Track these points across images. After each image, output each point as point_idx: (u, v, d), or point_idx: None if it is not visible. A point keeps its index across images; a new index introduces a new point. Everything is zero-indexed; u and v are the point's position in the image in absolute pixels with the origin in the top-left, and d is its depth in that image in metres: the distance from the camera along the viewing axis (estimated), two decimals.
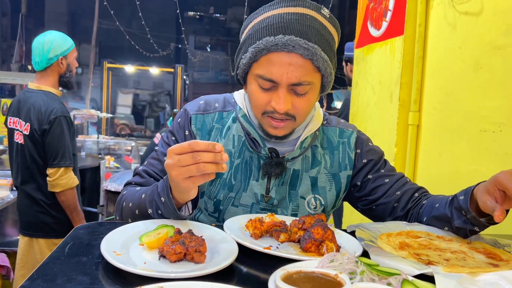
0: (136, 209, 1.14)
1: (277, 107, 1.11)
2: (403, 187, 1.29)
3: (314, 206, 1.28)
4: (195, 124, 1.28)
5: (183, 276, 0.77)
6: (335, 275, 0.72)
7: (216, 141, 1.27)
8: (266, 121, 1.18)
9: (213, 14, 25.04)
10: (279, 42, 1.07)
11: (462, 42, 1.80)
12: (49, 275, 0.77)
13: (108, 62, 11.36)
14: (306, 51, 1.08)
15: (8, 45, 17.82)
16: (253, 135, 1.24)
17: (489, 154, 1.61)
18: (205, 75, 23.72)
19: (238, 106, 1.30)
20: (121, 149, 6.82)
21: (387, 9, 2.34)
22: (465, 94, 1.77)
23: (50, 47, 2.60)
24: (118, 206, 1.24)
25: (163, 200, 1.06)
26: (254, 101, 1.17)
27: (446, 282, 0.77)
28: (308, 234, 0.98)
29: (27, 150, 2.55)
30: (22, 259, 2.63)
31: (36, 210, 2.60)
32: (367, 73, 2.62)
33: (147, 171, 1.27)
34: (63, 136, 2.53)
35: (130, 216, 1.17)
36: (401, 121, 2.17)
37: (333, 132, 1.34)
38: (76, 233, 1.00)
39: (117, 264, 0.78)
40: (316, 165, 1.28)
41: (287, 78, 1.09)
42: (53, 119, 2.51)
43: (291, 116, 1.15)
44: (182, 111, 1.33)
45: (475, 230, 1.06)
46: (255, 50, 1.11)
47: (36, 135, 2.52)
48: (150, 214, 1.10)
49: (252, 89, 1.17)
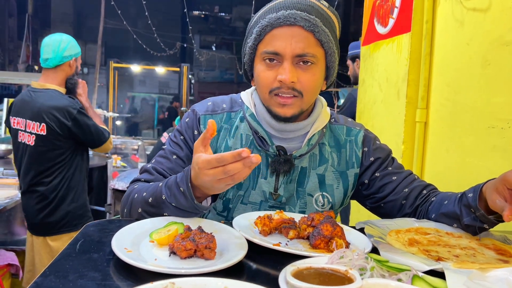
0: (150, 197, 1.11)
1: (282, 78, 1.14)
2: (411, 184, 1.29)
3: (322, 203, 1.28)
4: (204, 124, 1.28)
5: (194, 272, 0.78)
6: (345, 271, 0.72)
7: (225, 140, 1.28)
8: (274, 101, 1.19)
9: (218, 13, 25.05)
10: (281, 16, 1.13)
11: (469, 39, 1.79)
12: (61, 271, 0.78)
13: (114, 61, 11.38)
14: (307, 23, 1.13)
15: (14, 46, 17.92)
16: (261, 133, 1.25)
17: (497, 150, 1.60)
18: (210, 74, 23.74)
19: (245, 106, 1.31)
20: (127, 148, 6.83)
21: (394, 6, 2.33)
22: (473, 90, 1.76)
23: (67, 46, 2.66)
24: (125, 200, 1.22)
25: (182, 189, 1.03)
26: (261, 81, 1.20)
27: (457, 278, 0.77)
28: (317, 231, 0.98)
29: (41, 150, 2.56)
30: (41, 259, 2.65)
31: (45, 211, 2.61)
32: (374, 71, 2.61)
33: (156, 168, 1.27)
34: (88, 123, 2.64)
35: (142, 205, 1.14)
36: (408, 118, 2.17)
37: (341, 130, 1.34)
38: (86, 231, 1.01)
39: (128, 260, 0.79)
40: (324, 162, 1.29)
41: (291, 49, 1.13)
42: (71, 114, 2.55)
43: (298, 92, 1.16)
44: (190, 112, 1.34)
45: (484, 227, 1.06)
46: (259, 29, 1.17)
47: (56, 131, 2.55)
48: (164, 200, 1.07)
49: (258, 70, 1.20)
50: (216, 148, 1.28)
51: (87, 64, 16.88)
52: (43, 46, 2.66)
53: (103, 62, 13.93)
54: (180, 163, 1.27)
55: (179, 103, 11.15)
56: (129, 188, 1.25)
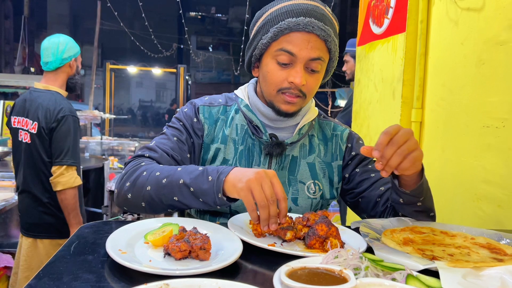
0: (165, 178, 1.11)
1: (295, 80, 1.22)
2: (388, 184, 1.33)
3: (314, 191, 1.35)
4: (203, 114, 1.36)
5: (188, 273, 0.78)
6: (340, 271, 0.72)
7: (222, 130, 1.35)
8: (281, 98, 1.27)
9: (214, 14, 25.07)
10: (301, 22, 1.20)
11: (464, 38, 1.80)
12: (55, 273, 0.78)
13: (110, 63, 11.37)
14: (323, 32, 1.22)
15: (11, 48, 17.86)
16: (255, 122, 1.33)
17: (492, 149, 1.61)
18: (207, 75, 23.76)
19: (240, 99, 1.39)
20: (124, 149, 6.82)
21: (389, 6, 2.34)
22: (468, 90, 1.76)
23: (65, 48, 2.65)
24: (129, 175, 1.18)
25: (210, 179, 1.05)
26: (270, 79, 1.27)
27: (451, 277, 0.77)
28: (312, 231, 0.98)
29: (35, 149, 2.56)
30: (26, 260, 2.62)
31: (41, 210, 2.59)
32: (369, 71, 2.62)
33: (159, 146, 1.27)
34: (69, 135, 2.55)
35: (152, 184, 1.12)
36: (404, 118, 2.17)
37: (328, 125, 1.45)
38: (81, 232, 1.01)
39: (122, 262, 0.79)
40: (312, 152, 1.38)
41: (307, 53, 1.22)
42: (61, 117, 2.52)
43: (302, 93, 1.26)
44: (189, 104, 1.41)
45: (400, 202, 1.17)
46: (277, 29, 1.23)
47: (43, 133, 2.53)
48: (181, 184, 1.08)
49: (269, 67, 1.26)
50: (214, 136, 1.34)
51: (84, 65, 16.77)
52: (42, 49, 2.67)
53: (99, 63, 13.92)
54: (181, 146, 1.30)
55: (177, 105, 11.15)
56: (133, 163, 1.22)
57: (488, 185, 1.62)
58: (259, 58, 1.31)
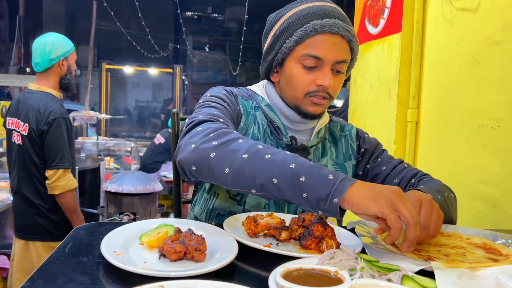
0: (269, 154, 0.96)
1: (324, 83, 1.20)
2: (400, 174, 1.34)
3: None
4: (242, 104, 1.33)
5: (184, 275, 0.77)
6: (335, 272, 0.72)
7: (252, 127, 1.31)
8: (308, 100, 1.25)
9: (211, 14, 25.06)
10: (326, 24, 1.19)
11: (459, 38, 1.80)
12: (50, 275, 0.77)
13: (106, 63, 11.34)
14: (347, 33, 1.21)
15: (6, 48, 17.81)
16: (276, 123, 1.31)
17: (487, 149, 1.61)
18: (204, 75, 23.75)
19: (259, 97, 1.36)
20: (120, 150, 6.81)
21: (385, 7, 2.34)
22: (463, 90, 1.77)
23: (52, 48, 2.58)
24: (219, 136, 1.02)
25: (331, 177, 0.90)
26: (296, 83, 1.24)
27: (446, 277, 0.77)
28: (308, 232, 0.98)
29: (25, 151, 2.53)
30: (18, 262, 2.61)
31: (33, 212, 2.56)
32: (365, 71, 2.62)
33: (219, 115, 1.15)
34: (62, 138, 2.52)
35: (251, 154, 0.96)
36: (400, 118, 2.17)
37: (335, 127, 1.44)
38: (76, 234, 1.01)
39: (117, 263, 0.78)
40: (325, 155, 1.37)
41: (333, 56, 1.20)
42: (51, 120, 2.48)
43: (329, 95, 1.25)
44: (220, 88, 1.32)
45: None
46: (302, 32, 1.20)
47: (34, 136, 2.50)
48: (292, 168, 0.92)
49: (294, 71, 1.24)
50: (246, 131, 1.30)
51: (80, 66, 16.71)
52: (32, 50, 2.63)
53: (95, 63, 13.86)
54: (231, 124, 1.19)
55: (174, 105, 11.13)
56: (215, 124, 1.08)
57: (483, 185, 1.62)
58: (281, 63, 1.28)
